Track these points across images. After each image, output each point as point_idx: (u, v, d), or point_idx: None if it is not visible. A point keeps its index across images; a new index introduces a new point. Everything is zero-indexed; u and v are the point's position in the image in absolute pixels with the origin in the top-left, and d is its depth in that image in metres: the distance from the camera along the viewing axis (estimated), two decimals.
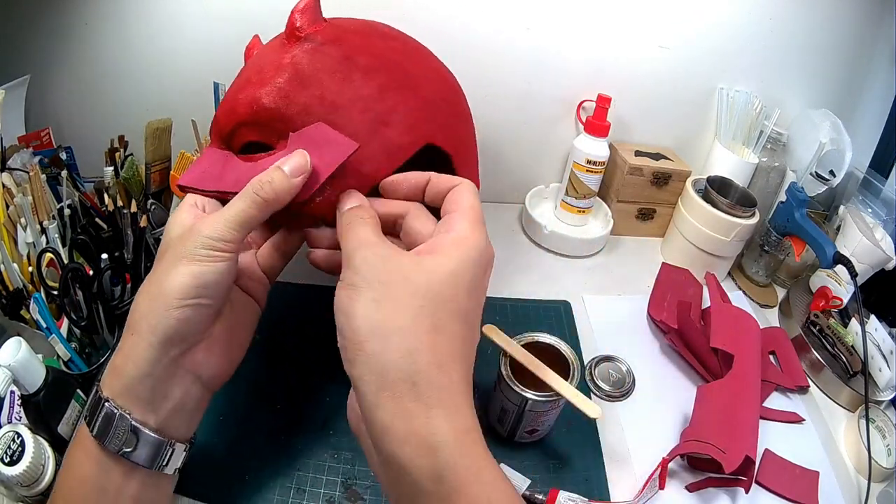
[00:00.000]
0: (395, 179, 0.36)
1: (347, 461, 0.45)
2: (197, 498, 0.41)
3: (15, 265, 0.49)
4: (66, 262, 0.50)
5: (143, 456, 0.31)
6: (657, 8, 0.71)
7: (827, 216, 0.79)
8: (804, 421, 0.57)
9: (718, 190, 0.71)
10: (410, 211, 0.35)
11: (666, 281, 0.67)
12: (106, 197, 0.57)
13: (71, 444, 0.33)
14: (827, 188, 0.74)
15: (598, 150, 0.72)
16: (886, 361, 0.58)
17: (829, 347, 0.63)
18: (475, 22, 0.69)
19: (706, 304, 0.65)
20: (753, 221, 0.69)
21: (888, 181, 0.73)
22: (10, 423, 0.37)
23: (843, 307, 0.66)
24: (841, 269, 0.63)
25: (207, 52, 0.68)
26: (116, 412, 0.30)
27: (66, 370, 0.45)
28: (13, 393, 0.37)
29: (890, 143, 0.76)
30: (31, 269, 0.49)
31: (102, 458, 0.31)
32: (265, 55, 0.40)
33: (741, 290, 0.74)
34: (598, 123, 0.72)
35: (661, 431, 0.53)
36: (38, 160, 0.56)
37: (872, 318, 0.62)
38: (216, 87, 0.62)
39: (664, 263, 0.71)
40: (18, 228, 0.51)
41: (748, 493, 0.47)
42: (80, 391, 0.42)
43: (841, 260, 0.61)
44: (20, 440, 0.36)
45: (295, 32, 0.38)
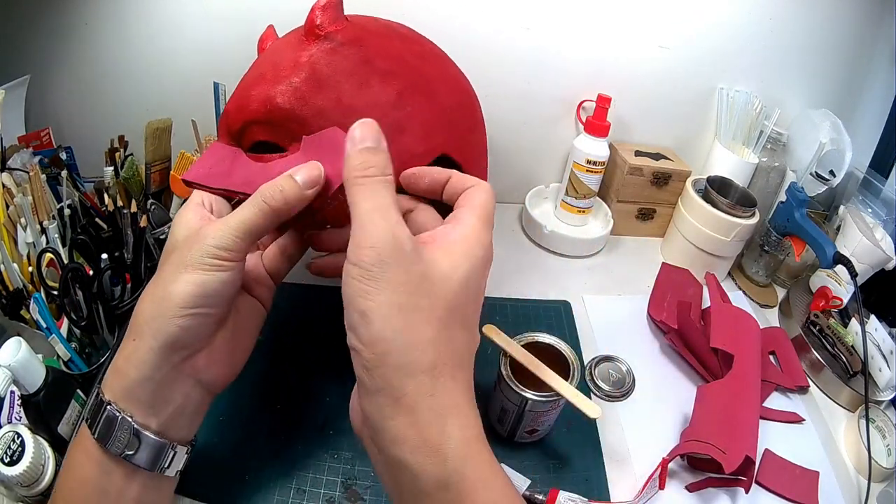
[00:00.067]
0: (416, 172, 0.35)
1: (347, 461, 0.45)
2: (197, 498, 0.41)
3: (15, 265, 0.49)
4: (66, 262, 0.50)
5: (144, 458, 0.31)
6: (657, 8, 0.71)
7: (827, 216, 0.79)
8: (804, 421, 0.57)
9: (718, 190, 0.71)
10: (419, 207, 0.35)
11: (666, 281, 0.67)
12: (106, 197, 0.57)
13: (71, 445, 0.33)
14: (827, 188, 0.74)
15: (598, 150, 0.72)
16: (886, 361, 0.58)
17: (829, 347, 0.63)
18: (475, 22, 0.69)
19: (706, 304, 0.65)
20: (753, 221, 0.69)
21: (888, 181, 0.73)
22: (10, 423, 0.37)
23: (843, 307, 0.66)
24: (841, 269, 0.63)
25: (207, 52, 0.68)
26: (118, 415, 0.30)
27: (66, 370, 0.45)
28: (13, 393, 0.37)
29: (890, 143, 0.76)
30: (31, 269, 0.49)
31: (104, 460, 0.30)
32: (281, 50, 0.38)
33: (741, 290, 0.74)
34: (598, 123, 0.72)
35: (661, 431, 0.53)
36: (38, 160, 0.56)
37: (872, 318, 0.62)
38: (216, 87, 0.62)
39: (664, 263, 0.71)
40: (18, 228, 0.51)
41: (748, 493, 0.47)
42: (80, 391, 0.42)
43: (841, 260, 0.61)
44: (20, 440, 0.36)
45: (315, 30, 0.37)
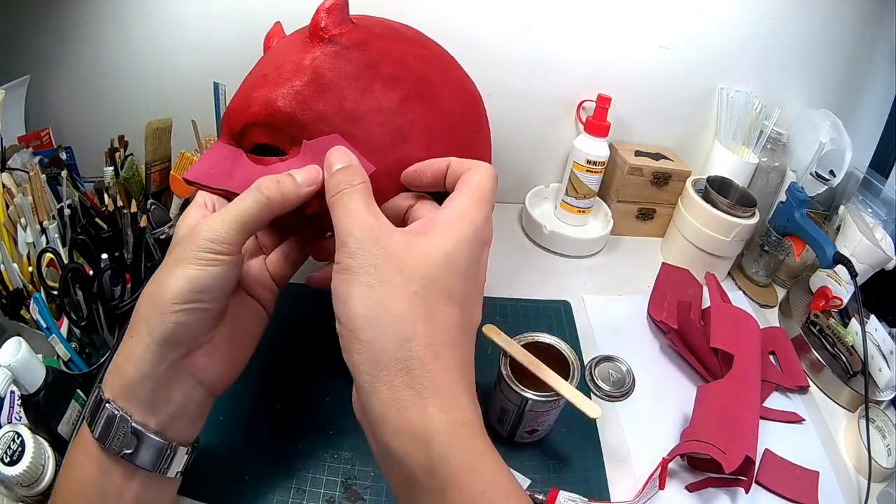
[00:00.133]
0: (417, 169, 0.35)
1: (347, 461, 0.45)
2: (197, 498, 0.41)
3: (15, 265, 0.49)
4: (66, 262, 0.50)
5: (143, 458, 0.31)
6: (657, 8, 0.71)
7: (827, 216, 0.79)
8: (804, 421, 0.57)
9: (718, 190, 0.71)
10: (419, 202, 0.35)
11: (666, 281, 0.67)
12: (106, 197, 0.57)
13: (72, 444, 0.33)
14: (827, 188, 0.74)
15: (598, 150, 0.72)
16: (886, 361, 0.58)
17: (829, 347, 0.63)
18: (475, 22, 0.69)
19: (706, 304, 0.65)
20: (753, 221, 0.69)
21: (888, 181, 0.73)
22: (10, 423, 0.37)
23: (843, 307, 0.66)
24: (841, 269, 0.63)
25: (207, 52, 0.68)
26: (117, 413, 0.30)
27: (66, 370, 0.45)
28: (13, 393, 0.37)
29: (890, 143, 0.76)
30: (31, 269, 0.49)
31: (103, 459, 0.30)
32: (285, 51, 0.38)
33: (741, 290, 0.74)
34: (598, 123, 0.72)
35: (661, 431, 0.53)
36: (38, 160, 0.56)
37: (872, 318, 0.62)
38: (216, 87, 0.62)
39: (664, 263, 0.71)
40: (18, 228, 0.51)
41: (748, 493, 0.47)
42: (80, 391, 0.42)
43: (841, 260, 0.61)
44: (20, 440, 0.36)
45: (319, 32, 0.36)
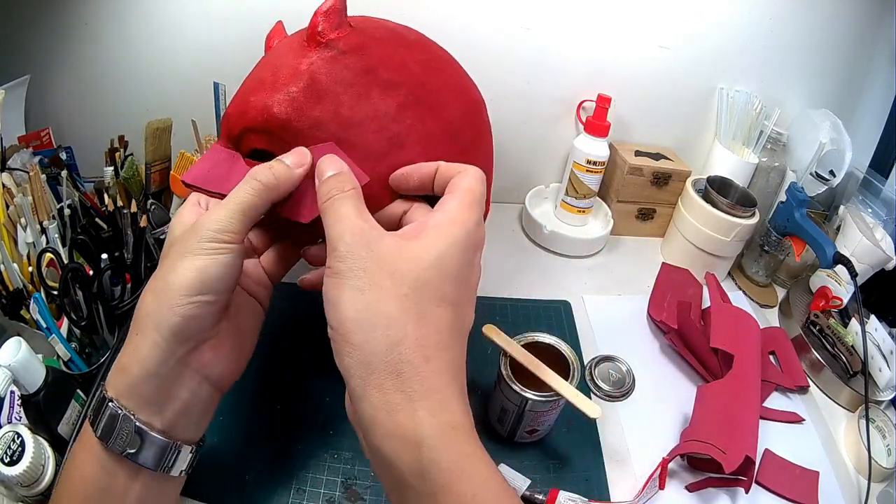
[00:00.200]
0: (404, 173, 0.35)
1: (347, 461, 0.45)
2: (197, 498, 0.41)
3: (15, 265, 0.49)
4: (66, 262, 0.50)
5: (147, 457, 0.31)
6: (657, 8, 0.71)
7: (827, 216, 0.79)
8: (804, 421, 0.57)
9: (718, 190, 0.71)
10: (413, 206, 0.35)
11: (666, 281, 0.67)
12: (106, 197, 0.57)
13: (75, 443, 0.33)
14: (827, 188, 0.74)
15: (598, 150, 0.72)
16: (886, 361, 0.58)
17: (829, 347, 0.63)
18: (475, 22, 0.69)
19: (706, 304, 0.65)
20: (753, 221, 0.69)
21: (888, 181, 0.73)
22: (10, 423, 0.37)
23: (843, 307, 0.66)
24: (841, 269, 0.63)
25: (207, 52, 0.68)
26: (120, 412, 0.30)
27: (66, 370, 0.45)
28: (13, 393, 0.37)
29: (890, 143, 0.76)
30: (31, 269, 0.49)
31: (106, 458, 0.30)
32: (283, 54, 0.38)
33: (741, 290, 0.74)
34: (598, 123, 0.72)
35: (661, 431, 0.53)
36: (38, 160, 0.56)
37: (872, 318, 0.62)
38: (216, 87, 0.62)
39: (664, 263, 0.71)
40: (18, 228, 0.51)
41: (748, 493, 0.47)
42: (80, 391, 0.42)
43: (841, 260, 0.61)
44: (20, 440, 0.36)
45: (316, 37, 0.36)
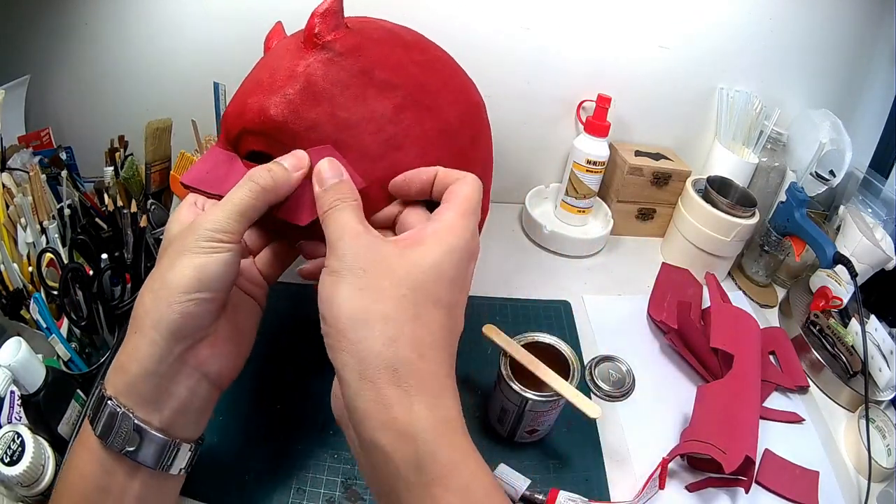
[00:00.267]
0: (404, 180, 0.35)
1: (347, 461, 0.45)
2: (197, 498, 0.41)
3: (15, 265, 0.49)
4: (66, 262, 0.50)
5: (146, 456, 0.31)
6: (657, 8, 0.71)
7: (827, 216, 0.79)
8: (804, 421, 0.57)
9: (718, 190, 0.71)
10: (407, 209, 0.35)
11: (666, 281, 0.67)
12: (106, 197, 0.57)
13: (74, 442, 0.33)
14: (827, 188, 0.74)
15: (598, 150, 0.72)
16: (886, 361, 0.58)
17: (829, 347, 0.63)
18: (475, 22, 0.69)
19: (706, 304, 0.65)
20: (753, 221, 0.69)
21: (888, 181, 0.73)
22: (10, 423, 0.37)
23: (843, 307, 0.66)
24: (841, 269, 0.63)
25: (207, 52, 0.68)
26: (119, 411, 0.30)
27: (66, 370, 0.45)
28: (13, 393, 0.37)
29: (890, 143, 0.76)
30: (31, 269, 0.49)
31: (105, 457, 0.30)
32: (281, 55, 0.38)
33: (741, 290, 0.74)
34: (598, 123, 0.72)
35: (661, 431, 0.53)
36: (38, 160, 0.56)
37: (872, 318, 0.62)
38: (216, 87, 0.62)
39: (664, 263, 0.71)
40: (18, 228, 0.51)
41: (748, 493, 0.47)
42: (80, 391, 0.42)
43: (841, 260, 0.61)
44: (20, 440, 0.36)
45: (313, 38, 0.36)
